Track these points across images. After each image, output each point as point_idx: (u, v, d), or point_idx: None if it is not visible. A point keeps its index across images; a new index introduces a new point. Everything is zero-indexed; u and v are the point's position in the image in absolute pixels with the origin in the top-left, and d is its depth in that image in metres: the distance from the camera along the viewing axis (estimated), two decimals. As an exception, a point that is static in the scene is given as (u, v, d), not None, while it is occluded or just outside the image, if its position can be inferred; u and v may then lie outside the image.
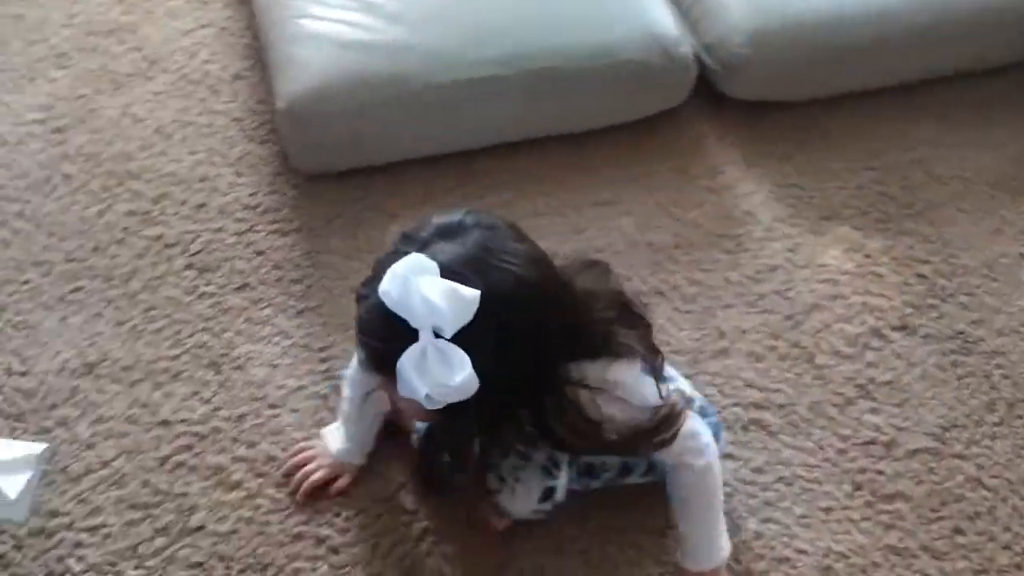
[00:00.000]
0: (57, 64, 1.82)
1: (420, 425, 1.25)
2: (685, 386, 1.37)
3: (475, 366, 0.94)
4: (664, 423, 1.14)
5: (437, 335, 0.93)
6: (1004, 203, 1.78)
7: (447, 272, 0.94)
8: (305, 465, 1.34)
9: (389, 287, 0.94)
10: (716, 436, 1.32)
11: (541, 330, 1.01)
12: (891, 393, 1.52)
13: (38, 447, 1.04)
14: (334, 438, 1.35)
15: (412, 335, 0.94)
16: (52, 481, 1.33)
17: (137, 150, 1.71)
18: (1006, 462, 1.45)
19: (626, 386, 1.11)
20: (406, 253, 0.96)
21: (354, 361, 1.25)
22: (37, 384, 1.43)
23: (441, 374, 0.93)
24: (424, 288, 0.92)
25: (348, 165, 1.69)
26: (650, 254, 1.67)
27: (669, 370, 1.37)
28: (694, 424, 1.21)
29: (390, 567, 1.30)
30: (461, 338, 0.94)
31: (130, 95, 1.78)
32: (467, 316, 0.93)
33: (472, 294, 0.92)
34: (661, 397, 1.15)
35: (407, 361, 0.94)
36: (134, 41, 1.87)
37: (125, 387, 1.44)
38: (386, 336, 0.96)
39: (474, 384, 0.94)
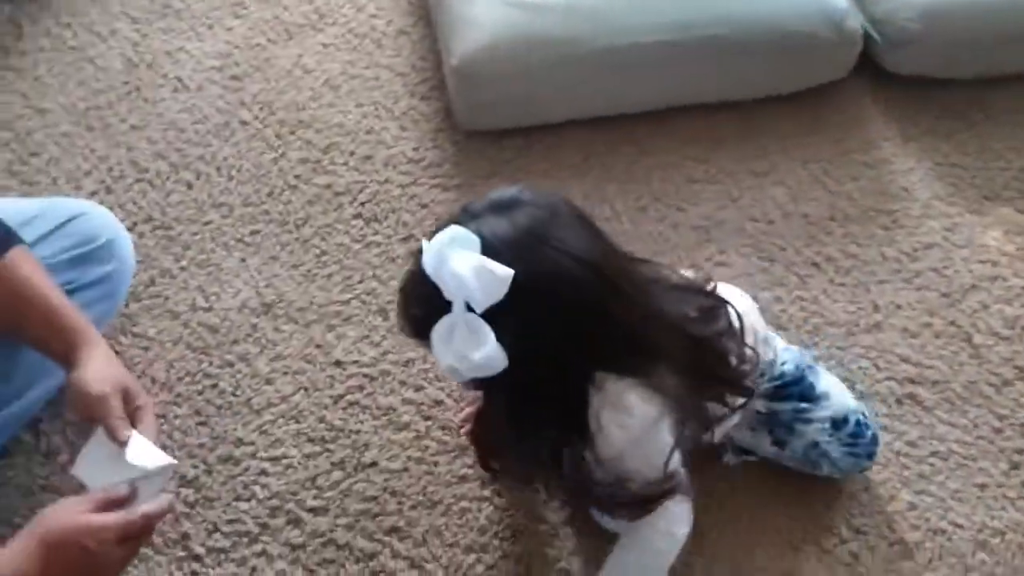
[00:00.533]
0: (233, 13, 1.89)
1: None
2: (846, 399, 1.32)
3: (505, 345, 0.92)
4: (649, 498, 1.10)
5: (470, 309, 0.92)
6: None
7: (487, 247, 0.92)
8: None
9: (427, 257, 0.93)
10: (871, 454, 1.32)
11: (575, 323, 0.97)
12: (1050, 377, 1.52)
13: (163, 461, 1.11)
14: None
15: (447, 306, 0.93)
16: (237, 412, 1.42)
17: (308, 100, 1.78)
18: None
19: (635, 416, 1.05)
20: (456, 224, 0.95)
21: None
22: (220, 320, 1.51)
23: (466, 347, 0.93)
24: (455, 263, 0.91)
25: (510, 124, 1.73)
26: (804, 225, 1.68)
27: (827, 383, 1.32)
28: (681, 510, 1.16)
29: (551, 512, 1.35)
30: (493, 315, 0.92)
31: (301, 46, 1.84)
32: (498, 294, 0.91)
33: (504, 272, 0.90)
34: (667, 465, 1.08)
35: (438, 330, 0.94)
36: (304, -6, 1.94)
37: (300, 327, 1.51)
38: (424, 303, 0.96)
39: (498, 361, 0.93)
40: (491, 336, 0.92)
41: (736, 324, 1.16)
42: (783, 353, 1.32)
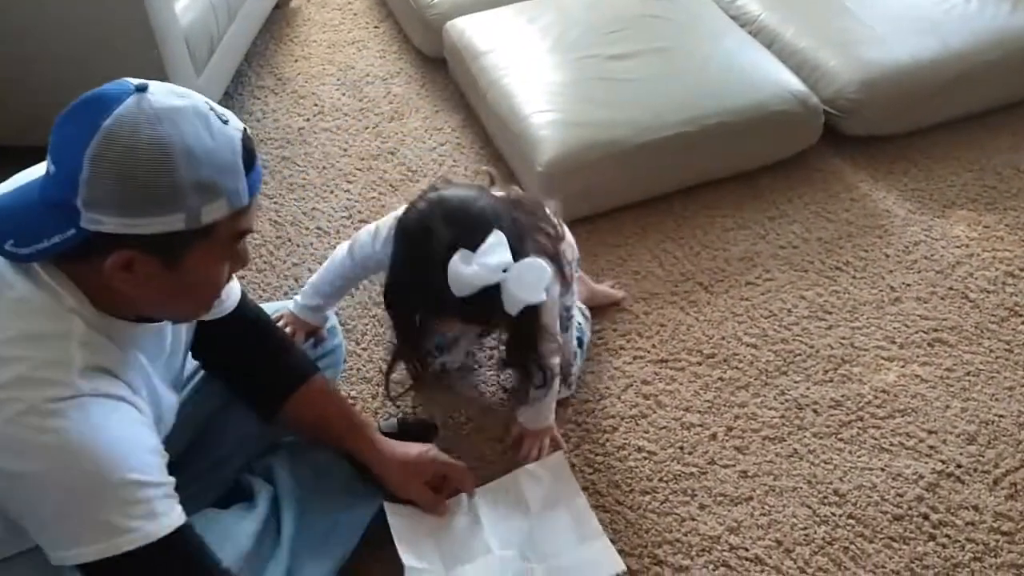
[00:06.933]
0: (346, 180, 2.35)
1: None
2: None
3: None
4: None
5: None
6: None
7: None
8: None
9: (463, 282, 1.36)
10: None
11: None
12: (1033, 309, 1.96)
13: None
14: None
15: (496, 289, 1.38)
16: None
17: (422, 226, 2.22)
18: None
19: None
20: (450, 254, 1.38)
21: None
22: (404, 377, 1.88)
23: (532, 284, 1.39)
24: (483, 262, 1.36)
25: (580, 214, 2.17)
26: (820, 245, 2.13)
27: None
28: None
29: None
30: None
31: (405, 193, 2.30)
32: (507, 254, 1.37)
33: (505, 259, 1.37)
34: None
35: (512, 285, 1.37)
36: (396, 160, 2.40)
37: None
38: (485, 301, 1.38)
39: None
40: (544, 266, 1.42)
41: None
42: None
